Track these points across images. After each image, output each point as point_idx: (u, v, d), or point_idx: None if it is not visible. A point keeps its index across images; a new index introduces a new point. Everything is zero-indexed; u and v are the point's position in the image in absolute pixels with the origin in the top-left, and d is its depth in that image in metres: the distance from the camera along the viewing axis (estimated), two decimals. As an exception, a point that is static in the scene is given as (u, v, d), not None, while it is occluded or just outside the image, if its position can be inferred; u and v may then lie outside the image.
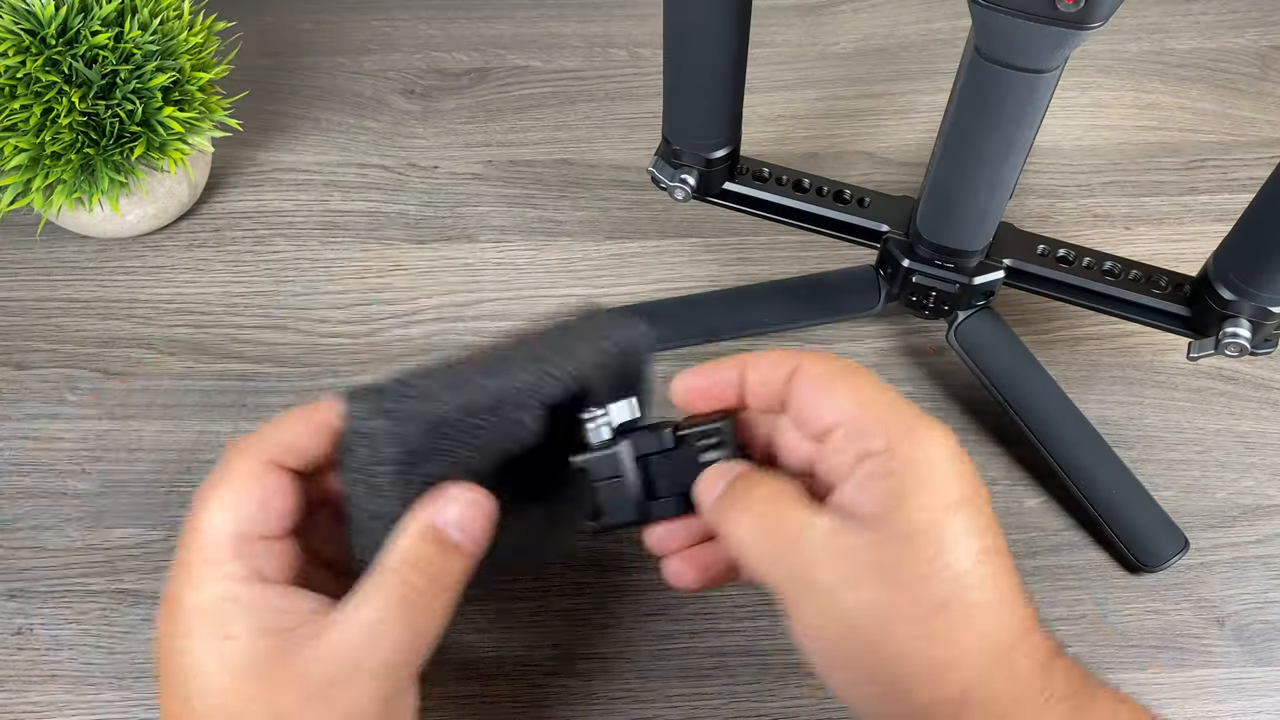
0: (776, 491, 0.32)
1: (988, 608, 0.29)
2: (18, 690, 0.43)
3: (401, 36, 0.68)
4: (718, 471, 0.33)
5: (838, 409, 0.32)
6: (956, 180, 0.43)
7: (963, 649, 0.28)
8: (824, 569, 0.30)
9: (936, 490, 0.30)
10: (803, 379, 0.33)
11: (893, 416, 0.31)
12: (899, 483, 0.30)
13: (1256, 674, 0.44)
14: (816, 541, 0.30)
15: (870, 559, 0.29)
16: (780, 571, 0.31)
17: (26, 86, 0.48)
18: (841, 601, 0.29)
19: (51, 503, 0.48)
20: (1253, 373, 0.52)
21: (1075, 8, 0.33)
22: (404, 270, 0.56)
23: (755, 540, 0.31)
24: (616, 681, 0.43)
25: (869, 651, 0.29)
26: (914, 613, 0.29)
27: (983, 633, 0.29)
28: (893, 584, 0.29)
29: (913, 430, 0.31)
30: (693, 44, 0.43)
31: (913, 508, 0.29)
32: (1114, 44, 0.67)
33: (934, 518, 0.29)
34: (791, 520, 0.31)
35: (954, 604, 0.29)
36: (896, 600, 0.29)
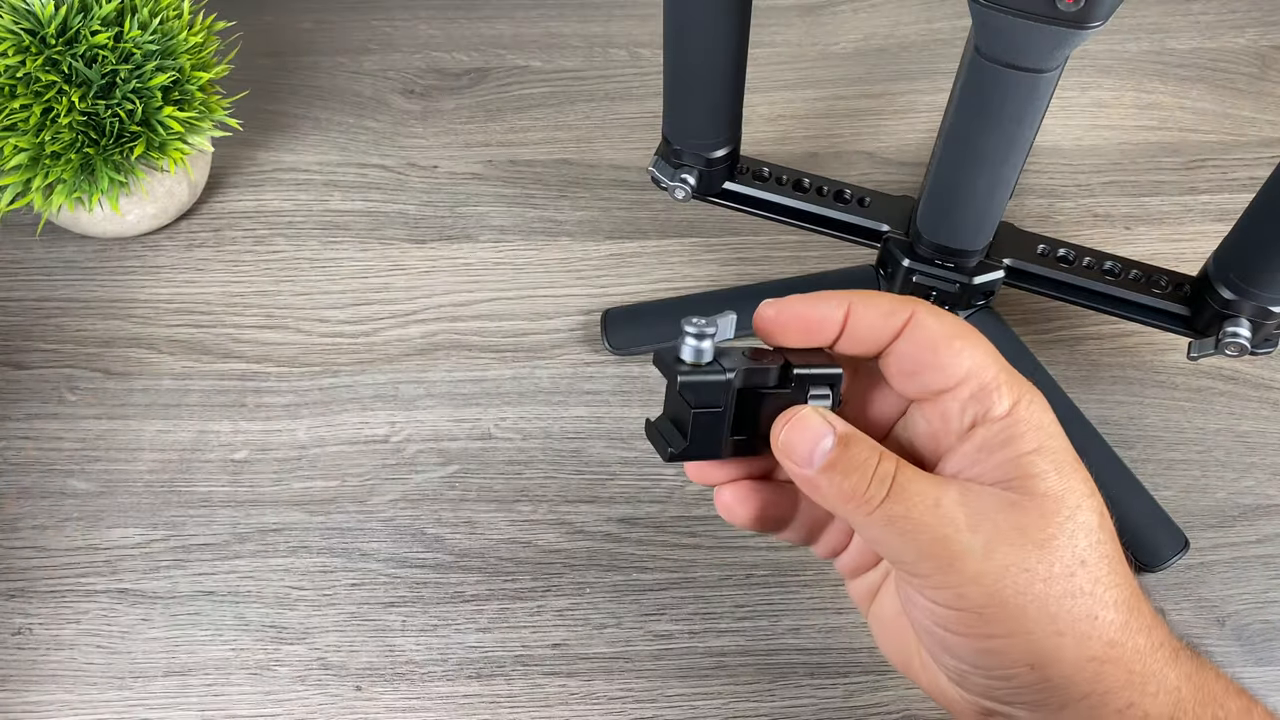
0: (898, 462, 0.30)
1: (1117, 563, 0.29)
2: (17, 690, 0.42)
3: (401, 36, 0.68)
4: (813, 427, 0.30)
5: (958, 370, 0.30)
6: (957, 180, 0.43)
7: (1104, 602, 0.29)
8: (967, 535, 0.29)
9: (1056, 453, 0.29)
10: (919, 333, 0.31)
11: (1010, 380, 0.30)
12: (1025, 445, 0.29)
13: (1257, 674, 0.43)
14: (955, 505, 0.29)
15: (1012, 520, 0.29)
16: (915, 548, 0.29)
17: (26, 86, 0.48)
18: (989, 565, 0.29)
19: (51, 502, 0.48)
20: (1253, 372, 0.52)
21: (1075, 7, 0.33)
22: (404, 270, 0.56)
23: (888, 509, 0.29)
24: (616, 681, 0.43)
25: (1013, 615, 0.29)
26: (1060, 570, 0.29)
27: (1117, 584, 0.29)
28: (1037, 543, 0.29)
29: (1025, 395, 0.30)
30: (693, 44, 0.43)
31: (1042, 470, 0.29)
32: (1114, 44, 0.67)
33: (1061, 480, 0.29)
34: (926, 490, 0.29)
35: (1092, 559, 0.29)
36: (1043, 558, 0.28)
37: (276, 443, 0.50)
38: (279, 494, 0.48)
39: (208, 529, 0.47)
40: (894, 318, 0.31)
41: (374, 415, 0.50)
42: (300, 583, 0.45)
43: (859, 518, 0.30)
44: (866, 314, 0.31)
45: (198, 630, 0.44)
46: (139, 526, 0.47)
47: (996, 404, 0.30)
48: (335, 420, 0.50)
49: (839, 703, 0.43)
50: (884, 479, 0.29)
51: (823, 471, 0.30)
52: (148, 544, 0.46)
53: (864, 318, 0.31)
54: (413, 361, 0.52)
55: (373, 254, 0.57)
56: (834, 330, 0.32)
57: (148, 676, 0.43)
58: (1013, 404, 0.30)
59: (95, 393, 0.51)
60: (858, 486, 0.30)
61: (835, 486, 0.30)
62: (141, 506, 0.47)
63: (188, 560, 0.46)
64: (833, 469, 0.30)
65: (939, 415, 0.31)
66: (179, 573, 0.46)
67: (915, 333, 0.31)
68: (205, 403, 0.51)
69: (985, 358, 0.30)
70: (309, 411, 0.51)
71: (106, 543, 0.46)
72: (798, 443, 0.30)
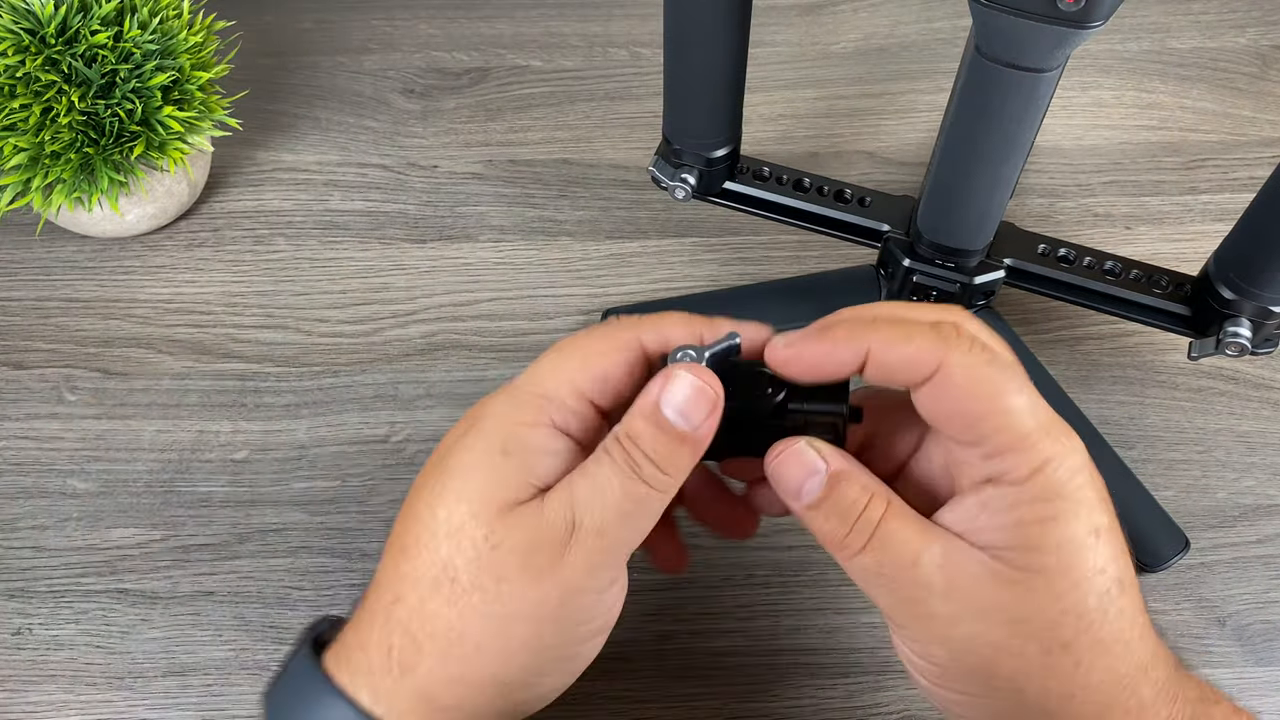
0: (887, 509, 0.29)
1: (1113, 643, 0.27)
2: (17, 690, 0.42)
3: (401, 36, 0.68)
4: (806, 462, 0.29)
5: (981, 429, 0.28)
6: (957, 180, 0.43)
7: (1084, 684, 0.27)
8: (939, 600, 0.28)
9: (1067, 526, 0.27)
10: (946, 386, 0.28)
11: (1042, 440, 0.27)
12: (1030, 515, 0.27)
13: (1257, 674, 0.43)
14: (933, 568, 0.28)
15: (991, 595, 0.27)
16: (890, 597, 0.29)
17: (26, 86, 0.48)
18: (956, 633, 0.28)
19: (51, 502, 0.48)
20: (1254, 372, 0.52)
21: (1075, 7, 0.33)
22: (403, 270, 0.56)
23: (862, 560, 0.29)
24: (616, 682, 0.43)
25: (981, 680, 0.28)
26: (1036, 650, 0.27)
27: (1107, 667, 0.27)
28: (1014, 620, 0.27)
29: (1056, 457, 0.27)
30: (693, 43, 0.43)
31: (1043, 545, 0.27)
32: (1114, 43, 0.67)
33: (1064, 556, 0.27)
34: (907, 546, 0.28)
35: (1079, 642, 0.27)
36: (1017, 637, 0.27)
37: (276, 443, 0.49)
38: (279, 494, 0.48)
39: (207, 529, 0.47)
40: (918, 368, 0.28)
41: (374, 415, 0.50)
42: (300, 583, 0.45)
43: (838, 558, 0.29)
44: (887, 358, 0.29)
45: (197, 630, 0.44)
46: (139, 526, 0.47)
47: (1015, 468, 0.27)
48: (335, 420, 0.50)
49: (840, 703, 0.43)
50: (866, 527, 0.28)
51: (807, 509, 0.29)
52: (147, 544, 0.46)
53: (883, 362, 0.29)
54: (413, 361, 0.52)
55: (373, 254, 0.57)
56: (849, 372, 0.30)
57: (147, 677, 0.43)
58: (1033, 470, 0.27)
59: (95, 392, 0.51)
60: (837, 532, 0.29)
61: (817, 526, 0.29)
62: (141, 506, 0.47)
63: (187, 560, 0.46)
64: (817, 509, 0.29)
65: (957, 461, 0.29)
66: (179, 573, 0.46)
67: (941, 386, 0.28)
68: (205, 403, 0.51)
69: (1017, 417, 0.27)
70: (309, 411, 0.51)
71: (106, 543, 0.46)
72: (786, 476, 0.30)
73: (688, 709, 0.42)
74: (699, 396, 0.29)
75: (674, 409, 0.29)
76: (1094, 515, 0.27)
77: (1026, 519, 0.27)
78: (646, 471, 0.29)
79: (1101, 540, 0.27)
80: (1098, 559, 0.27)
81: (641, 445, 0.29)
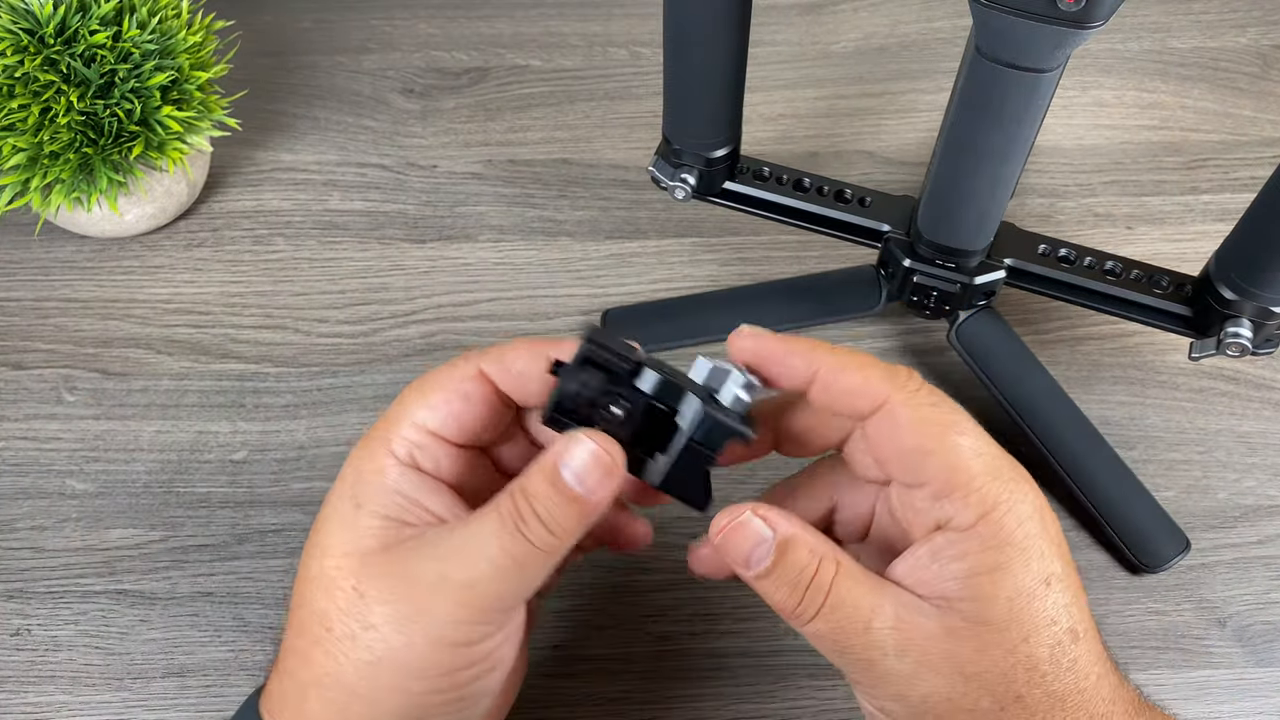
0: (837, 572, 0.28)
1: (1068, 695, 0.27)
2: (16, 690, 0.42)
3: (401, 36, 0.68)
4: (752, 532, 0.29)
5: (923, 470, 0.28)
6: (957, 180, 0.42)
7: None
8: (894, 660, 0.27)
9: (1016, 576, 0.27)
10: (888, 423, 0.29)
11: (985, 486, 0.27)
12: (979, 564, 0.27)
13: (1258, 675, 0.43)
14: (885, 630, 0.28)
15: (944, 649, 0.27)
16: (846, 660, 0.29)
17: (25, 86, 0.48)
18: (912, 691, 0.28)
19: (50, 503, 0.47)
20: (1254, 373, 0.52)
21: (1076, 7, 0.33)
22: (403, 270, 0.56)
23: (816, 627, 0.28)
24: (616, 683, 0.43)
25: None
26: (989, 704, 0.27)
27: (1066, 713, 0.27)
28: (967, 675, 0.27)
29: (1004, 504, 0.27)
30: (693, 43, 0.43)
31: (993, 594, 0.27)
32: (1115, 43, 0.67)
33: (1015, 607, 0.27)
34: (858, 610, 0.28)
35: (1031, 695, 0.27)
36: (970, 691, 0.27)
37: (275, 443, 0.49)
38: (278, 495, 0.48)
39: (206, 530, 0.47)
40: (861, 400, 0.29)
41: (373, 416, 0.50)
42: (299, 584, 0.45)
43: (794, 626, 0.29)
44: (835, 381, 0.29)
45: (196, 631, 0.44)
46: (137, 527, 0.47)
47: (960, 514, 0.28)
48: (334, 421, 0.50)
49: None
50: (817, 594, 0.28)
51: (756, 579, 0.29)
52: (146, 545, 0.46)
53: (830, 385, 0.30)
54: (412, 362, 0.52)
55: (372, 254, 0.57)
56: (799, 383, 0.30)
57: (146, 677, 0.43)
58: (980, 516, 0.27)
59: (93, 393, 0.51)
60: (790, 600, 0.28)
61: (769, 595, 0.29)
62: (140, 507, 0.47)
63: (186, 561, 0.46)
64: (767, 578, 0.29)
65: (910, 505, 0.29)
66: (178, 573, 0.45)
67: (883, 422, 0.29)
68: (204, 403, 0.51)
69: (962, 459, 0.28)
70: (308, 412, 0.51)
71: (105, 543, 0.46)
72: (735, 546, 0.29)
73: (688, 709, 0.42)
74: (597, 464, 0.29)
75: (572, 472, 0.29)
76: (1045, 563, 0.27)
77: (976, 569, 0.27)
78: (533, 529, 0.29)
79: (1053, 589, 0.27)
80: (1049, 609, 0.27)
81: (534, 504, 0.29)
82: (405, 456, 0.31)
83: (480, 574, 0.29)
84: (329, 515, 0.30)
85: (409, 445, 0.31)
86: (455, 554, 0.29)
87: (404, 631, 0.28)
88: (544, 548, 0.29)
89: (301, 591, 0.30)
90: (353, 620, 0.29)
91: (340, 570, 0.29)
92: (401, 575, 0.29)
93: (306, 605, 0.30)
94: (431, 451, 0.31)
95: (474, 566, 0.29)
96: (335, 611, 0.29)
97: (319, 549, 0.30)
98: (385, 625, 0.28)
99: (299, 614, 0.30)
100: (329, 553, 0.30)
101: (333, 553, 0.29)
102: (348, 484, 0.31)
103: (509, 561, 0.29)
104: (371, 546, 0.29)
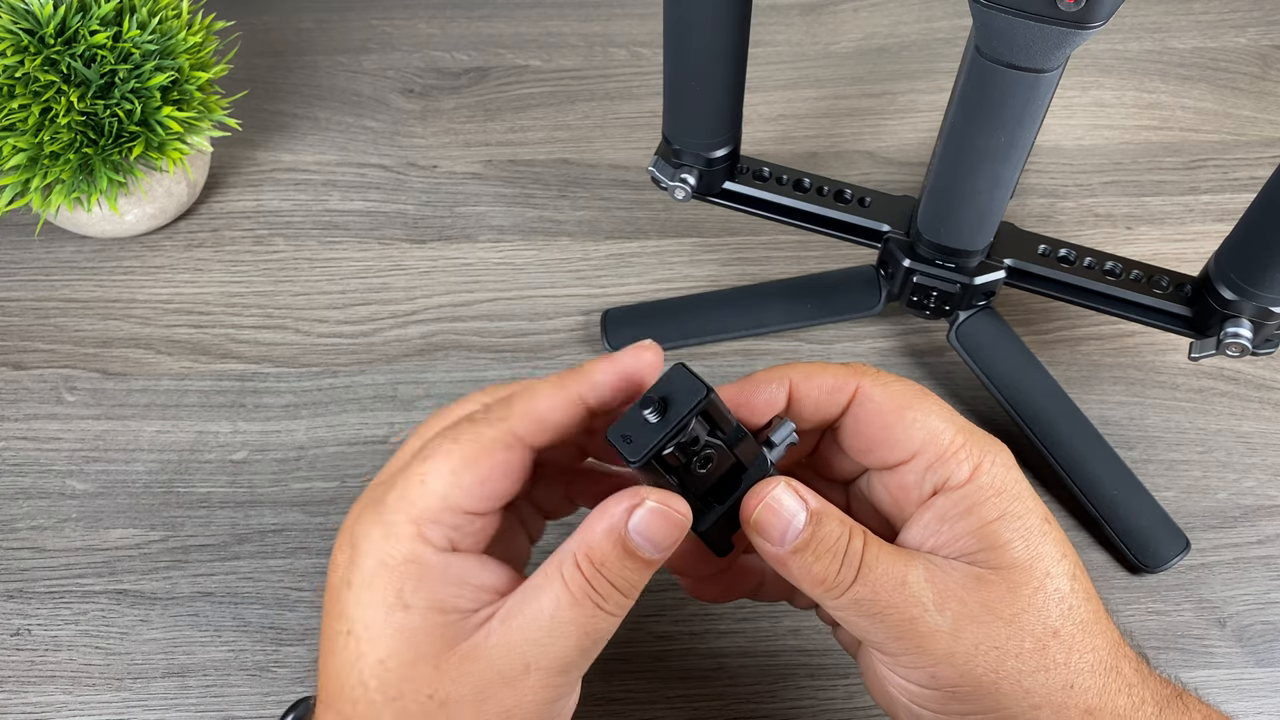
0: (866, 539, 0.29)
1: (1093, 624, 0.29)
2: (16, 690, 0.42)
3: (401, 36, 0.68)
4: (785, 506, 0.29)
5: (910, 442, 0.29)
6: (957, 180, 0.43)
7: (1079, 670, 0.28)
8: (934, 615, 0.28)
9: (1022, 518, 0.29)
10: (865, 407, 0.30)
11: (970, 443, 0.29)
12: (987, 513, 0.28)
13: (1258, 675, 0.43)
14: (922, 585, 0.28)
15: (979, 598, 0.28)
16: (885, 627, 0.28)
17: (25, 86, 0.48)
18: (958, 645, 0.28)
19: (50, 503, 0.47)
20: (1254, 373, 0.52)
21: (1076, 7, 0.33)
22: (403, 270, 0.56)
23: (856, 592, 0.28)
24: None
25: (987, 692, 0.28)
26: (1031, 645, 0.28)
27: (1093, 648, 0.28)
28: (1006, 619, 0.28)
29: (987, 456, 0.29)
30: (693, 43, 0.43)
31: (1010, 541, 0.28)
32: (1115, 43, 0.67)
33: (1031, 547, 0.28)
34: (894, 568, 0.28)
35: (1065, 628, 0.28)
36: (1013, 634, 0.28)
37: (275, 443, 0.49)
38: (278, 495, 0.48)
39: (206, 530, 0.47)
40: (838, 394, 0.30)
41: (373, 416, 0.50)
42: (300, 584, 0.45)
43: (829, 601, 0.29)
44: (809, 391, 0.30)
45: (196, 631, 0.44)
46: (138, 527, 0.47)
47: (955, 471, 0.29)
48: (334, 421, 0.50)
49: (839, 704, 0.42)
50: (854, 559, 0.28)
51: (793, 553, 0.29)
52: (146, 545, 0.46)
53: (807, 395, 0.31)
54: (412, 362, 0.52)
55: (372, 254, 0.57)
56: (776, 410, 0.31)
57: (147, 677, 0.43)
58: (973, 469, 0.29)
59: (94, 393, 0.51)
60: (829, 571, 0.29)
61: (805, 569, 0.29)
62: (140, 507, 0.47)
63: (186, 561, 0.46)
64: (804, 551, 0.29)
65: (898, 484, 0.30)
66: (178, 573, 0.45)
67: (861, 408, 0.30)
68: (204, 403, 0.51)
69: (940, 423, 0.29)
70: (308, 412, 0.51)
71: (105, 543, 0.46)
72: (770, 524, 0.29)
73: (688, 709, 0.42)
74: (668, 525, 0.28)
75: (642, 536, 0.28)
76: (1038, 505, 0.29)
77: (985, 518, 0.28)
78: (608, 598, 0.28)
79: (1052, 527, 0.29)
80: (1058, 546, 0.29)
81: (605, 572, 0.28)
82: (444, 543, 0.28)
83: (570, 659, 0.28)
84: (373, 620, 0.27)
85: (446, 530, 0.28)
86: (539, 645, 0.27)
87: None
88: (618, 613, 0.28)
89: (354, 703, 0.28)
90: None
91: (410, 681, 0.27)
92: (484, 675, 0.27)
93: (370, 717, 0.27)
94: (469, 529, 0.29)
95: (560, 653, 0.28)
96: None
97: (372, 659, 0.27)
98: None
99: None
100: (388, 662, 0.27)
101: (394, 662, 0.27)
102: (384, 585, 0.28)
103: (592, 640, 0.28)
104: (439, 649, 0.27)
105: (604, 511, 0.28)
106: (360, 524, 0.29)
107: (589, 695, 0.42)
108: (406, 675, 0.27)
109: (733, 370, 0.52)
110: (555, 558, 0.28)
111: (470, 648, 0.27)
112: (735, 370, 0.52)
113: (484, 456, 0.28)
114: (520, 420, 0.29)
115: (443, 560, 0.28)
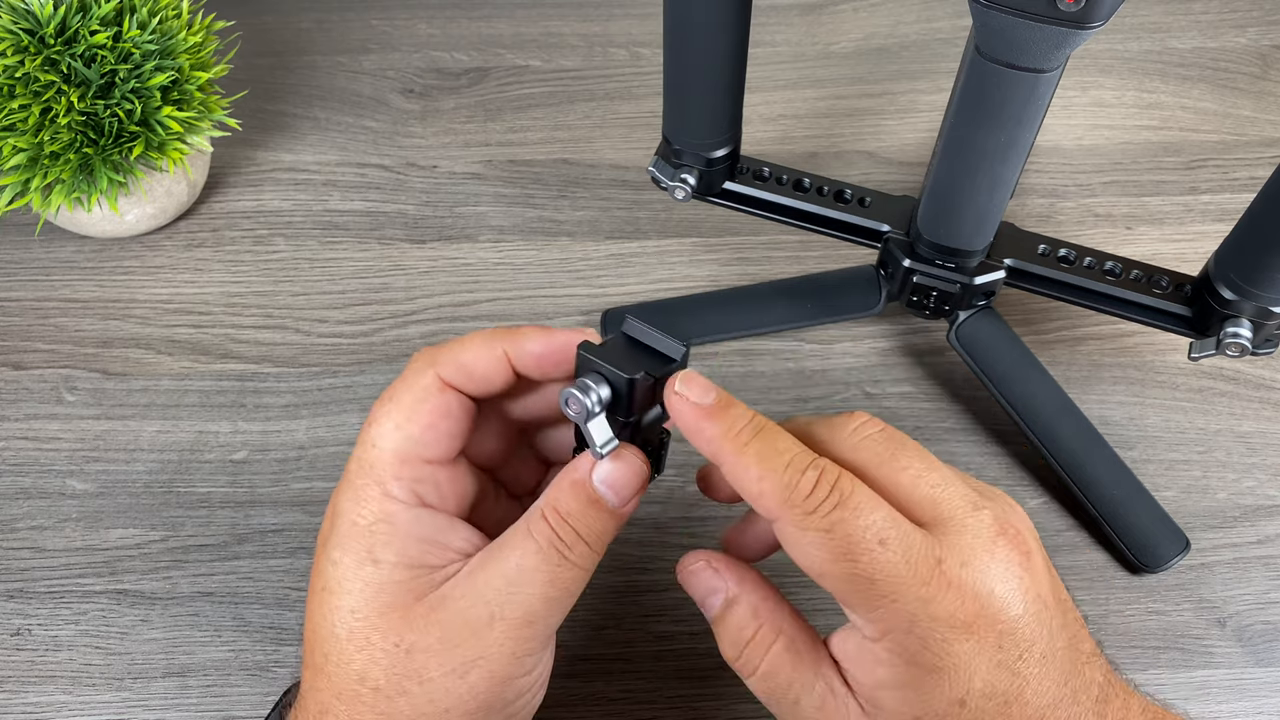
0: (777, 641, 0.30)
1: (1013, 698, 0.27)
2: (16, 690, 0.42)
3: (401, 36, 0.68)
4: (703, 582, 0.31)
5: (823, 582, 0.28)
6: (957, 180, 0.43)
7: None
8: None
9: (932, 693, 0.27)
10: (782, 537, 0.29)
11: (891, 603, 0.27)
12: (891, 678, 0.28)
13: (1258, 675, 0.43)
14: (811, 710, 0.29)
15: None
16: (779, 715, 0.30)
17: (25, 86, 0.48)
18: None
19: (50, 503, 0.47)
20: (1254, 373, 0.52)
21: (1076, 7, 0.33)
22: (403, 270, 0.56)
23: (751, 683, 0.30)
24: (616, 683, 0.43)
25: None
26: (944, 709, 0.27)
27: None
28: None
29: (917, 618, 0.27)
30: (693, 43, 0.43)
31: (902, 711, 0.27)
32: (1115, 43, 0.67)
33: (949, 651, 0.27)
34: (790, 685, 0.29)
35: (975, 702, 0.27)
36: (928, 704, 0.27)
37: (275, 443, 0.49)
38: (278, 495, 0.48)
39: (206, 530, 0.47)
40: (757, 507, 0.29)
41: (373, 416, 0.50)
42: (300, 584, 0.45)
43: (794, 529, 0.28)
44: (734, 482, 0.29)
45: (197, 631, 0.44)
46: (138, 527, 0.47)
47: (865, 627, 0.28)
48: (334, 421, 0.50)
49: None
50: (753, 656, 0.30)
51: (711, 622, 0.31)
52: (146, 544, 0.46)
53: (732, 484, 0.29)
54: (412, 362, 0.52)
55: (372, 254, 0.57)
56: None
57: (147, 677, 0.43)
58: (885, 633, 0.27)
59: (94, 393, 0.51)
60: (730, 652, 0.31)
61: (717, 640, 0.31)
62: (140, 507, 0.47)
63: (186, 561, 0.46)
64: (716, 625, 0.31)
65: None
66: (178, 573, 0.45)
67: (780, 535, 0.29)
68: (204, 403, 0.51)
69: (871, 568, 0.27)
70: (308, 412, 0.51)
71: (105, 543, 0.46)
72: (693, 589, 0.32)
73: (688, 710, 0.42)
74: (632, 474, 0.29)
75: (608, 486, 0.29)
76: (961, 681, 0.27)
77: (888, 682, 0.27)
78: (576, 550, 0.29)
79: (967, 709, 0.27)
80: None
81: (573, 523, 0.29)
82: (408, 496, 0.30)
83: (535, 609, 0.28)
84: (344, 576, 0.29)
85: (408, 483, 0.30)
86: (503, 593, 0.28)
87: (465, 678, 0.28)
88: (587, 566, 0.29)
89: (326, 655, 0.29)
90: (404, 679, 0.28)
91: (378, 630, 0.28)
92: (450, 624, 0.28)
93: (341, 666, 0.29)
94: (431, 480, 0.30)
95: (527, 603, 0.28)
96: (380, 671, 0.28)
97: (343, 610, 0.29)
98: (444, 677, 0.28)
99: (333, 675, 0.29)
100: (358, 612, 0.28)
101: (363, 612, 0.28)
102: (355, 542, 0.29)
103: (558, 591, 0.29)
104: (406, 600, 0.28)
105: (569, 468, 0.30)
106: (337, 497, 0.30)
107: (589, 695, 0.42)
108: (375, 624, 0.28)
109: (733, 370, 0.52)
110: (524, 518, 0.30)
111: (437, 599, 0.29)
112: (735, 370, 0.52)
113: (420, 405, 0.30)
114: (445, 366, 0.30)
115: (413, 515, 0.29)
